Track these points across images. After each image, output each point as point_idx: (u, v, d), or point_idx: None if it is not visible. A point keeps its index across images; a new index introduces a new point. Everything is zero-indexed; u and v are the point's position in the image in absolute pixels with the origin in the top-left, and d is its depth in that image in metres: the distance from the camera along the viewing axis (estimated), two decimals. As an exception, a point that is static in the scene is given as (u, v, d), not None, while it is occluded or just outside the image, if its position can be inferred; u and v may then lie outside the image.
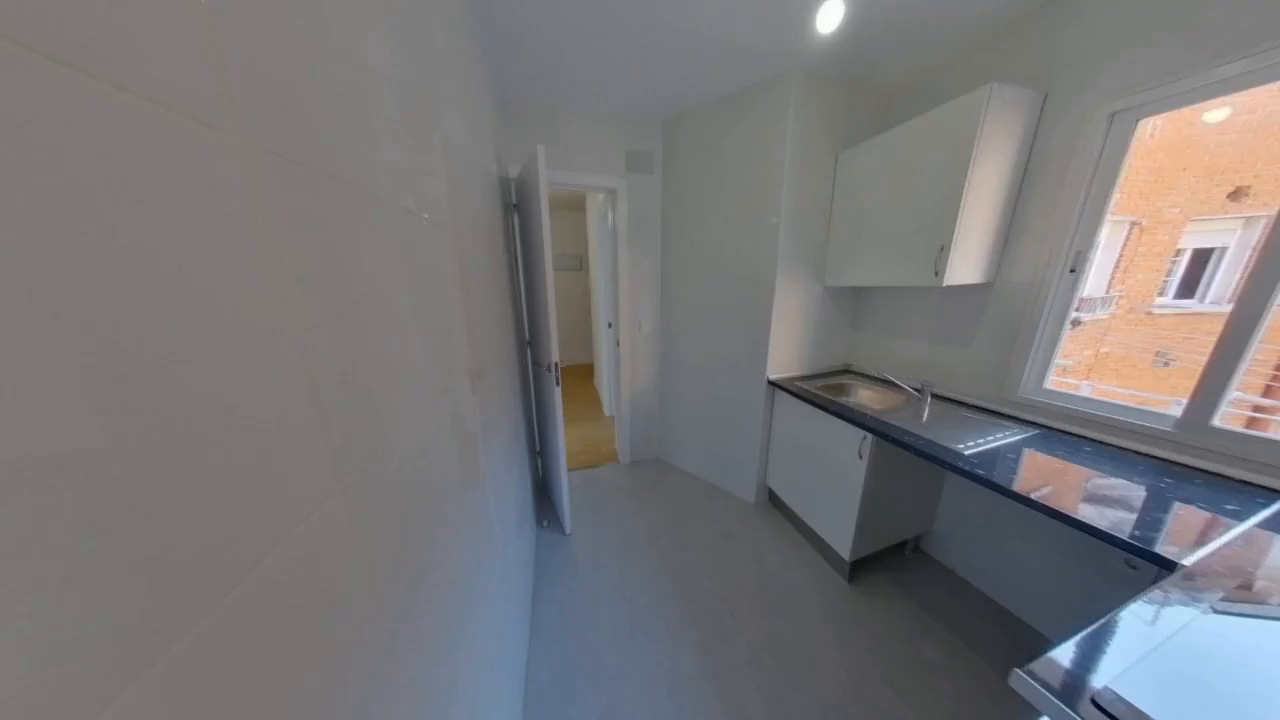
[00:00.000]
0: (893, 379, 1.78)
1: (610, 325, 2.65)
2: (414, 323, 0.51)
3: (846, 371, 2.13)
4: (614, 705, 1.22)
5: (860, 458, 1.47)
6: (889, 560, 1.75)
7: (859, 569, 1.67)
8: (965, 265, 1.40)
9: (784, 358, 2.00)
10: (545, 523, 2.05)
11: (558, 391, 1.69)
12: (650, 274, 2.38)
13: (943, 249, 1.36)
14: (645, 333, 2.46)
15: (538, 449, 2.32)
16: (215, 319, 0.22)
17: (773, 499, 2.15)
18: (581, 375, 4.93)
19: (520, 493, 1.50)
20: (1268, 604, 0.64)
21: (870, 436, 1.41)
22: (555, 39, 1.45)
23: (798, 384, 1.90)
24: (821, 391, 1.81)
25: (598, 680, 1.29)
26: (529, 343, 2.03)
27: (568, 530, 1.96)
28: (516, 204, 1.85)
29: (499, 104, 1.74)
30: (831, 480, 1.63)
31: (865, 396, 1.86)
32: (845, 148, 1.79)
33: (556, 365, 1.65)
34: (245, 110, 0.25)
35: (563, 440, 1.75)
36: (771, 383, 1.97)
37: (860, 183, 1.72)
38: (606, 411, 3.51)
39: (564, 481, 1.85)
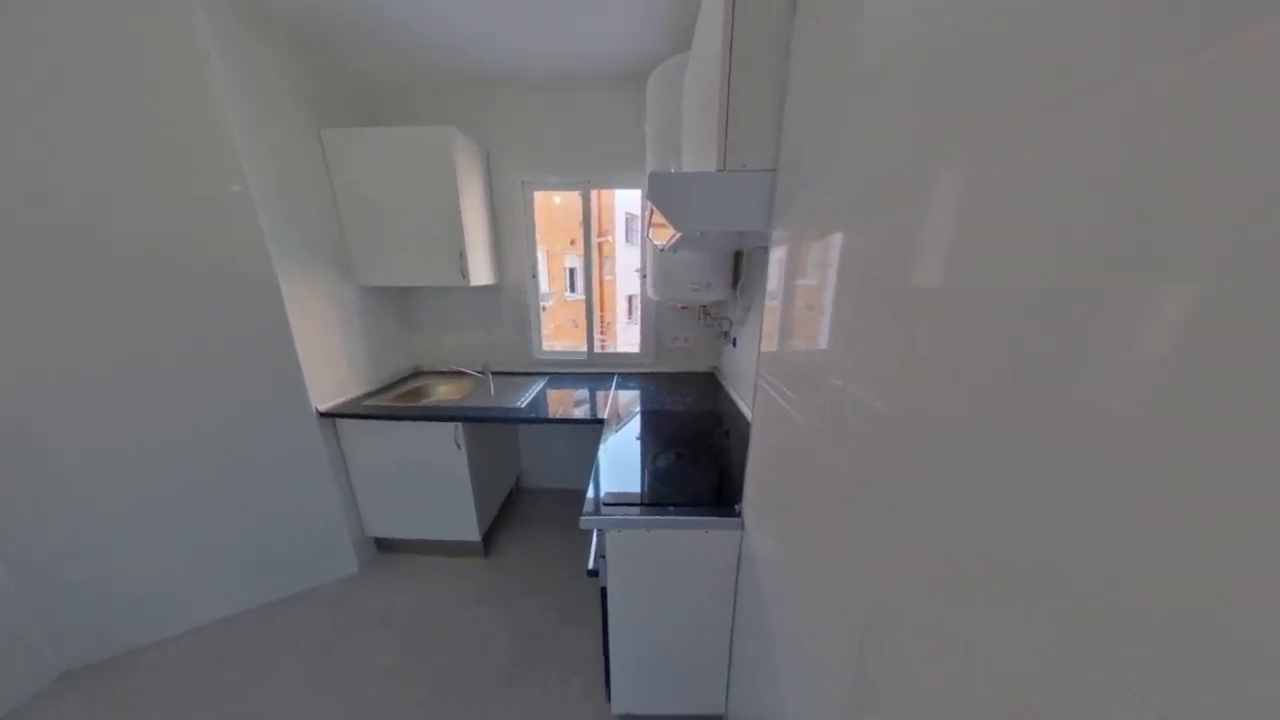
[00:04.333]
0: (460, 368, 2.03)
1: None
2: None
3: (418, 374, 2.12)
4: None
5: (458, 446, 1.61)
6: (505, 512, 2.07)
7: (490, 538, 1.87)
8: (480, 269, 1.79)
9: (334, 380, 1.66)
10: None
11: None
12: None
13: (462, 254, 1.68)
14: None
15: None
16: None
17: (382, 545, 1.87)
18: None
19: None
20: (621, 420, 1.46)
21: (459, 424, 1.58)
22: None
23: (365, 404, 1.68)
24: (397, 402, 1.74)
25: None
26: None
27: None
28: None
29: None
30: (438, 481, 1.66)
31: (444, 391, 1.96)
32: (327, 126, 1.59)
33: None
34: None
35: None
36: (325, 414, 1.58)
37: (360, 175, 1.63)
38: None
39: None
